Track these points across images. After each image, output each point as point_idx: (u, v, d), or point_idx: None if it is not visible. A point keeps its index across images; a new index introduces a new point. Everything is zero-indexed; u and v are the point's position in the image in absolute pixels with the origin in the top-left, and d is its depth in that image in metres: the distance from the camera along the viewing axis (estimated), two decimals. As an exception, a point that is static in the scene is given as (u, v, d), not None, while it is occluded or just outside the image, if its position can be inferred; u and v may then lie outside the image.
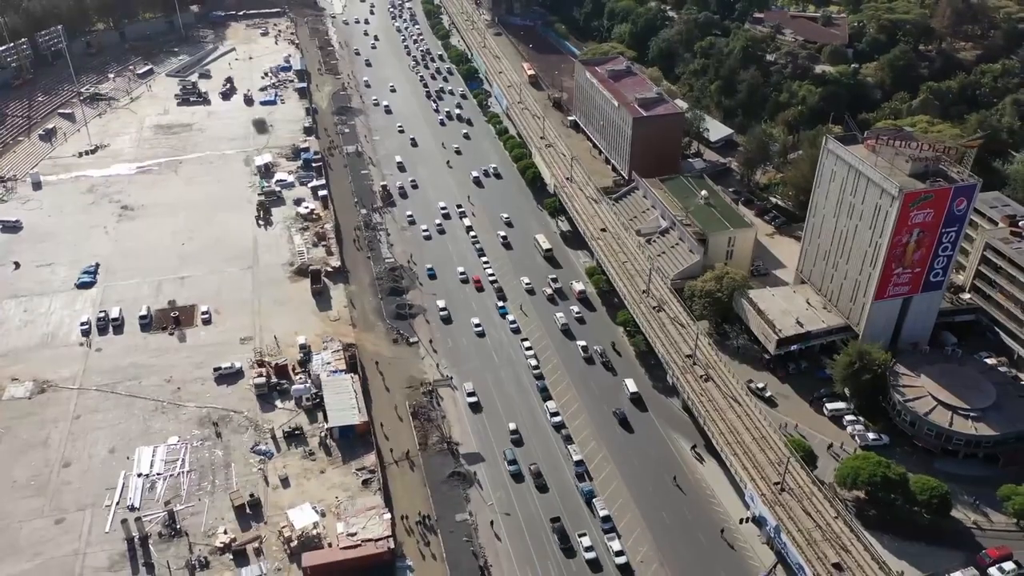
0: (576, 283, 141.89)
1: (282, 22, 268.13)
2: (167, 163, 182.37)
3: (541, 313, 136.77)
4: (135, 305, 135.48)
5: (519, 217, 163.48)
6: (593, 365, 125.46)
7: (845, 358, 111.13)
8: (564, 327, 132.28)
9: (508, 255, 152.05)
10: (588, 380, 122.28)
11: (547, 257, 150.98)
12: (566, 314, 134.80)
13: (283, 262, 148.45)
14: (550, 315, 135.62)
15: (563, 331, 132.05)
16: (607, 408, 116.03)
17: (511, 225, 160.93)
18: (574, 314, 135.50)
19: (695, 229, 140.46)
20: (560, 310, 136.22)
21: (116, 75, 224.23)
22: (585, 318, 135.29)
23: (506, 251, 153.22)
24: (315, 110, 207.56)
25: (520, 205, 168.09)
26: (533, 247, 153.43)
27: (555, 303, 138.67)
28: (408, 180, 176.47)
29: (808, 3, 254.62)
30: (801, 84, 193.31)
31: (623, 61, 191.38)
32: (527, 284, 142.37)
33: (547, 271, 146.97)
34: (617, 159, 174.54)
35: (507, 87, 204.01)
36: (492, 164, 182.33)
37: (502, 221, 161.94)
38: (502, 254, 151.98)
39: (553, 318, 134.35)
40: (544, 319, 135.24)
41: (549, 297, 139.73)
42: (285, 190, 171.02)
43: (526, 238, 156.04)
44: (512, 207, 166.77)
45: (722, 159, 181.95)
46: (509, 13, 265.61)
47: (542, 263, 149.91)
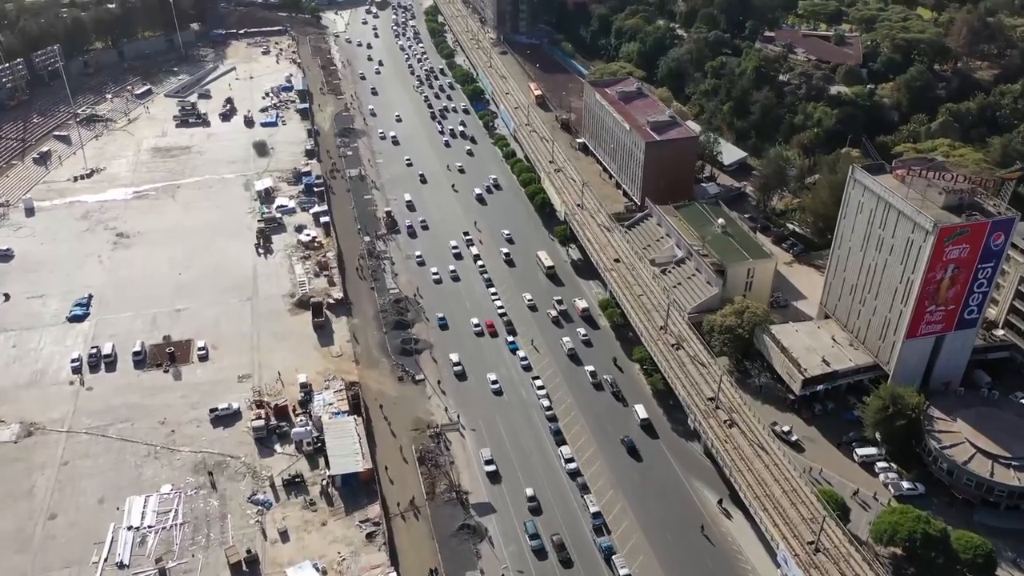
0: (579, 300, 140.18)
1: (284, 40, 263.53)
2: (164, 188, 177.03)
3: (547, 336, 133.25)
4: (129, 340, 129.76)
5: (522, 236, 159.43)
6: (602, 391, 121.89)
7: (877, 402, 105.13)
8: (571, 352, 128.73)
9: (511, 272, 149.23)
10: (598, 410, 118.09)
11: (549, 275, 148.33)
12: (572, 338, 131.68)
13: (284, 293, 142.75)
14: (556, 340, 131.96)
15: (570, 356, 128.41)
16: (623, 450, 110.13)
17: (512, 241, 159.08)
18: (580, 336, 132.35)
19: (712, 260, 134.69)
20: (566, 334, 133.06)
21: (114, 96, 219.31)
22: (591, 340, 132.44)
23: (509, 268, 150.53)
24: (317, 132, 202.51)
25: (525, 225, 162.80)
26: (535, 265, 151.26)
27: (560, 326, 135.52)
28: (414, 206, 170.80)
29: (819, 22, 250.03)
30: (816, 105, 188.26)
31: (634, 82, 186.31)
32: (529, 300, 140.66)
33: (550, 290, 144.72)
34: (628, 184, 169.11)
35: (514, 108, 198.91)
36: (502, 191, 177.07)
37: (505, 239, 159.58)
38: (510, 283, 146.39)
39: (560, 343, 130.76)
40: (551, 343, 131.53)
41: (554, 320, 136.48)
42: (286, 216, 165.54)
43: (532, 260, 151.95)
44: (516, 227, 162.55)
45: (737, 183, 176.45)
46: (514, 31, 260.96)
47: (544, 281, 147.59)
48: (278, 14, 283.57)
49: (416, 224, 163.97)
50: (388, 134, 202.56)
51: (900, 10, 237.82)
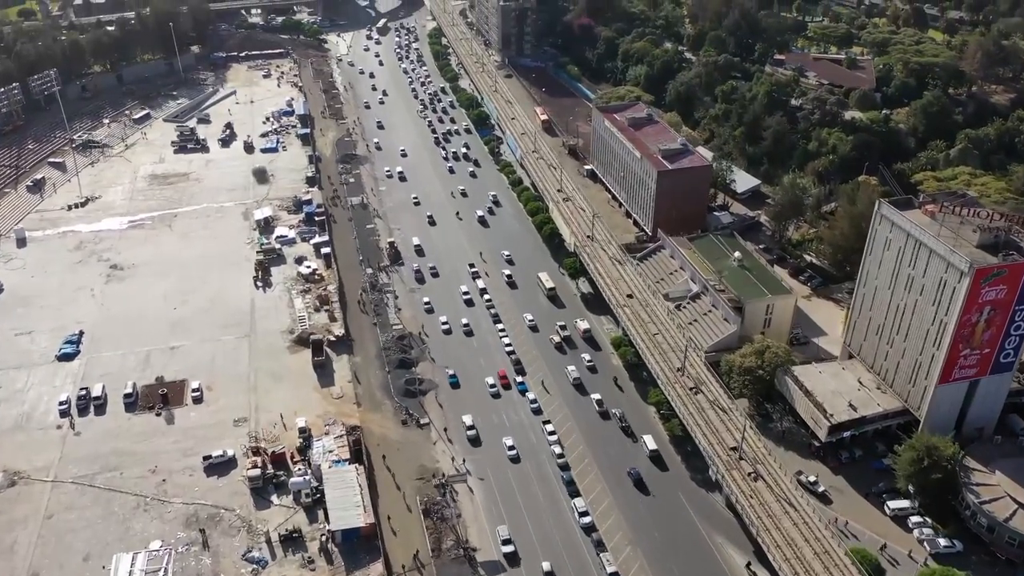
0: (581, 322, 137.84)
1: (285, 63, 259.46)
2: (161, 217, 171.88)
3: (551, 363, 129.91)
4: (120, 380, 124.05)
5: (525, 259, 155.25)
6: (608, 420, 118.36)
7: (910, 453, 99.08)
8: (576, 381, 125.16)
9: (517, 298, 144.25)
10: (608, 449, 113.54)
11: (550, 296, 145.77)
12: (577, 365, 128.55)
13: (282, 329, 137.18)
14: (561, 369, 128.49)
15: (575, 385, 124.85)
16: (640, 501, 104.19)
17: (512, 262, 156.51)
18: (585, 363, 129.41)
19: (730, 296, 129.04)
20: (570, 361, 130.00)
21: (111, 120, 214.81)
22: (596, 364, 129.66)
23: (511, 290, 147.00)
24: (318, 158, 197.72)
25: (531, 252, 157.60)
26: (536, 286, 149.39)
27: (563, 352, 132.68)
28: (418, 239, 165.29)
29: (829, 45, 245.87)
30: (830, 131, 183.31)
31: (643, 108, 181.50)
32: (530, 321, 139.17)
33: (551, 312, 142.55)
34: (639, 213, 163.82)
35: (520, 134, 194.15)
36: (503, 209, 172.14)
37: (505, 259, 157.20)
38: (517, 315, 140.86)
39: (565, 372, 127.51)
40: (555, 373, 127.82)
41: (557, 345, 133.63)
42: (286, 247, 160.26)
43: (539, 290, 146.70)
44: (521, 253, 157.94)
45: (750, 212, 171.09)
46: (519, 54, 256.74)
47: (545, 303, 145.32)
48: (280, 37, 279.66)
49: (423, 267, 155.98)
50: (392, 161, 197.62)
51: (913, 33, 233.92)
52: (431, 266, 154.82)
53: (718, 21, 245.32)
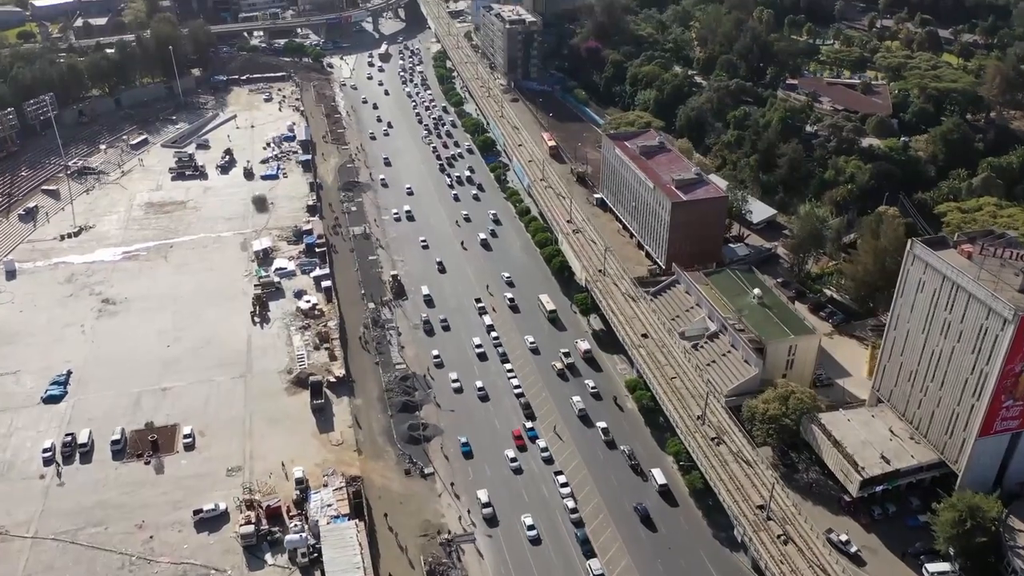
0: (581, 342, 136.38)
1: (287, 87, 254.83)
2: (156, 247, 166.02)
3: (554, 393, 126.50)
4: (108, 424, 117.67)
5: (531, 291, 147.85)
6: (615, 450, 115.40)
7: (951, 513, 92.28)
8: (581, 412, 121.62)
9: (523, 326, 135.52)
10: (619, 485, 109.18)
11: (551, 319, 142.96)
12: (582, 395, 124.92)
13: (280, 369, 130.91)
14: (565, 398, 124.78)
15: (581, 417, 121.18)
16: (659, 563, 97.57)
17: (512, 283, 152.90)
18: (589, 389, 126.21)
19: (750, 336, 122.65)
20: (575, 390, 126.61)
21: (108, 146, 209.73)
22: (599, 390, 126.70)
23: (520, 329, 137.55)
24: (320, 185, 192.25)
25: (534, 279, 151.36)
26: (538, 308, 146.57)
27: (565, 378, 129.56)
28: (423, 270, 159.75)
29: (842, 69, 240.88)
30: (847, 159, 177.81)
31: (655, 135, 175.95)
32: (531, 343, 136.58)
33: (552, 334, 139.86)
34: (652, 245, 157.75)
35: (528, 162, 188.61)
36: (505, 230, 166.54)
37: (505, 281, 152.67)
38: (525, 350, 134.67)
39: (569, 402, 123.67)
40: (560, 403, 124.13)
41: (560, 372, 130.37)
42: (285, 280, 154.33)
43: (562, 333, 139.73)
44: (527, 283, 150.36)
45: (767, 244, 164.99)
46: (525, 78, 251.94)
47: (546, 325, 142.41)
48: (282, 59, 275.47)
49: (431, 305, 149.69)
50: (395, 188, 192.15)
51: (929, 57, 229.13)
52: (439, 315, 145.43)
53: (728, 45, 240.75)
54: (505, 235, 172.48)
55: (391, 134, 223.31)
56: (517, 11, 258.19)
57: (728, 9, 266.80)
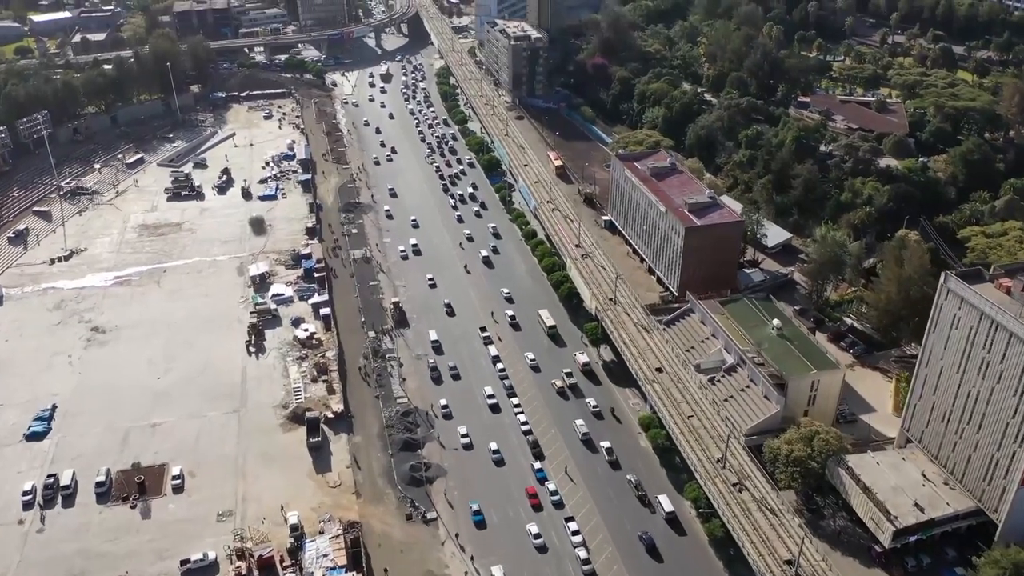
0: (580, 355, 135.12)
1: (287, 104, 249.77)
2: (149, 272, 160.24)
3: (553, 409, 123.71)
4: (94, 464, 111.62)
5: (530, 306, 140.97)
6: (619, 470, 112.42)
7: (994, 570, 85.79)
8: (585, 436, 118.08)
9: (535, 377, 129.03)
10: (624, 506, 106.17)
11: (551, 334, 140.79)
12: (585, 418, 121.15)
13: (276, 403, 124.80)
14: (567, 422, 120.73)
15: (584, 441, 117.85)
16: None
17: (511, 300, 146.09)
18: (591, 409, 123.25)
19: (770, 371, 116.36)
20: (576, 411, 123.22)
21: (103, 165, 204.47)
22: (602, 411, 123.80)
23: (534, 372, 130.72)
24: (319, 206, 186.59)
25: (541, 306, 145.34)
26: (537, 323, 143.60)
27: (566, 398, 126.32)
28: (426, 293, 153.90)
29: (855, 86, 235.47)
30: (864, 181, 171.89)
31: (666, 156, 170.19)
32: (531, 360, 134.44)
33: (551, 351, 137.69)
34: (664, 270, 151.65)
35: (534, 183, 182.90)
36: (520, 273, 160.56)
37: (505, 297, 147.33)
38: (531, 381, 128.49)
39: (572, 426, 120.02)
40: (561, 426, 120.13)
41: (560, 391, 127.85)
42: (282, 306, 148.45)
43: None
44: (533, 312, 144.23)
45: (783, 269, 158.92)
46: (530, 95, 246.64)
47: (545, 341, 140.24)
48: (282, 76, 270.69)
49: (431, 331, 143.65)
50: (397, 210, 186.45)
51: (944, 75, 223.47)
52: (443, 345, 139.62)
53: (738, 62, 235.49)
54: (510, 259, 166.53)
55: (393, 153, 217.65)
56: (522, 27, 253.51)
57: (737, 25, 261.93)
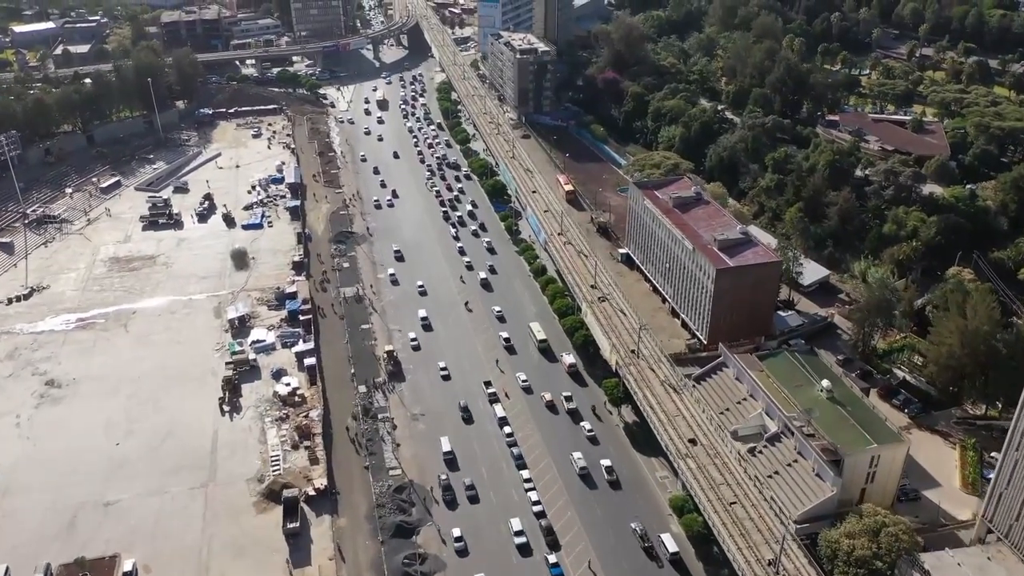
0: (567, 356, 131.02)
1: (278, 121, 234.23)
2: (116, 314, 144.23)
3: (575, 496, 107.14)
4: (31, 557, 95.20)
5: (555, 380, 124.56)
6: (654, 560, 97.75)
7: None
8: (583, 471, 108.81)
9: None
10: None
11: (541, 349, 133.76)
12: (583, 451, 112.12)
13: (250, 475, 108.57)
14: (588, 503, 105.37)
15: (581, 476, 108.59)
16: None
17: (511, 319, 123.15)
18: (585, 433, 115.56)
19: (823, 444, 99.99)
20: (573, 441, 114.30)
21: (75, 190, 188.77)
22: (596, 436, 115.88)
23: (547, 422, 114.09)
24: (309, 236, 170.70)
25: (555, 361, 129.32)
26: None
27: (590, 484, 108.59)
28: (422, 341, 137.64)
29: (886, 103, 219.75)
30: (907, 210, 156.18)
31: (689, 184, 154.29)
32: (523, 381, 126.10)
33: (541, 366, 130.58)
34: (690, 315, 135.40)
35: (543, 211, 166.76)
36: (529, 316, 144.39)
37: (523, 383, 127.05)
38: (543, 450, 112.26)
39: (570, 459, 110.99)
40: (581, 508, 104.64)
41: (548, 404, 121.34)
42: (262, 355, 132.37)
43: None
44: (546, 368, 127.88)
45: (821, 311, 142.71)
46: (537, 111, 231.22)
47: (536, 357, 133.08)
48: (273, 90, 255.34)
49: (430, 384, 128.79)
50: (393, 241, 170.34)
51: (985, 92, 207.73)
52: (444, 403, 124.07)
53: (760, 77, 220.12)
54: (519, 299, 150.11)
55: (390, 176, 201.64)
56: (528, 39, 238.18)
57: (756, 38, 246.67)
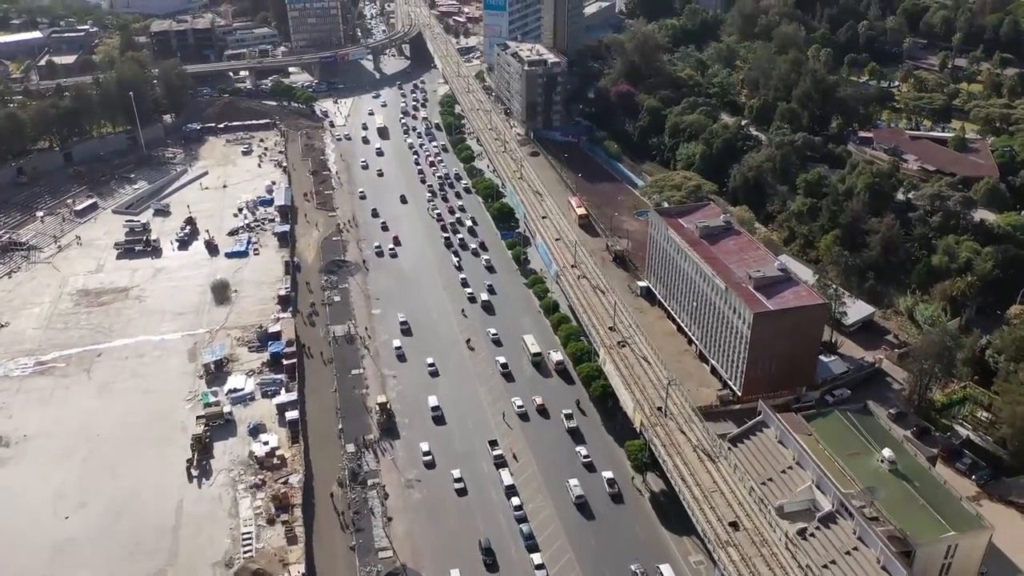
0: (555, 353, 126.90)
1: (270, 137, 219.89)
2: (80, 356, 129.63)
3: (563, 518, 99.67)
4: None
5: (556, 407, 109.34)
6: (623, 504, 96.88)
7: None
8: (579, 500, 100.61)
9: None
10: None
11: (535, 363, 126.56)
12: (580, 478, 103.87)
13: (216, 558, 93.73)
14: (580, 533, 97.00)
15: (578, 505, 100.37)
16: None
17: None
18: (581, 459, 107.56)
19: (889, 530, 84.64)
20: (570, 468, 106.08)
21: (47, 213, 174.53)
22: (593, 462, 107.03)
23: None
24: (297, 266, 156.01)
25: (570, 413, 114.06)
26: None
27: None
28: (426, 397, 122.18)
29: (922, 118, 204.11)
30: (959, 239, 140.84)
31: (718, 211, 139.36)
32: (519, 407, 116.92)
33: (535, 381, 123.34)
34: (722, 362, 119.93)
35: (555, 240, 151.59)
36: (550, 387, 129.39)
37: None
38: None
39: (566, 486, 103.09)
40: (574, 538, 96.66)
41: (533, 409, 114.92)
42: (239, 407, 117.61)
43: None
44: (551, 400, 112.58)
45: (867, 355, 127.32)
46: (547, 127, 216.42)
47: (529, 370, 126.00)
48: (266, 103, 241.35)
49: (427, 436, 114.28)
50: (389, 272, 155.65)
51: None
52: (442, 465, 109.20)
53: (785, 90, 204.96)
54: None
55: (388, 197, 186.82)
56: (537, 50, 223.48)
57: (778, 47, 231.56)
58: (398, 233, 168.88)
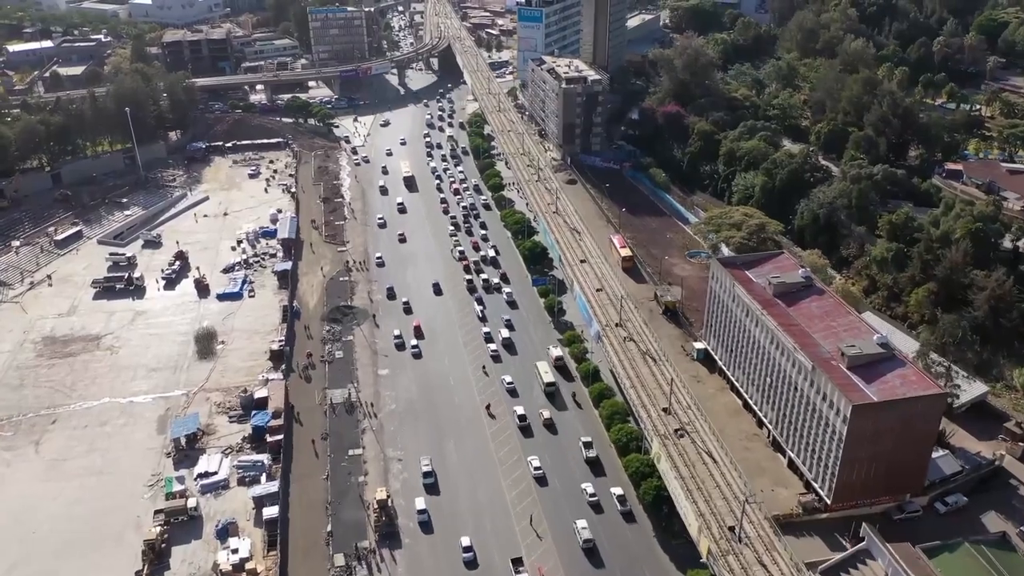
0: (553, 348, 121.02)
1: (281, 158, 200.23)
2: (31, 423, 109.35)
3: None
4: None
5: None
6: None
7: None
8: (588, 545, 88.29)
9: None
10: None
11: (548, 392, 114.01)
12: (589, 520, 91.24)
13: None
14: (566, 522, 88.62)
15: (586, 550, 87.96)
16: None
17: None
18: (588, 495, 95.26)
19: None
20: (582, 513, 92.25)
21: (24, 243, 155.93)
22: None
23: None
24: (297, 312, 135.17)
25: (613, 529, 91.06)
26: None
27: None
28: (432, 480, 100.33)
29: (1016, 148, 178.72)
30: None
31: (792, 261, 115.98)
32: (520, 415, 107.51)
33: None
34: (805, 459, 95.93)
35: (596, 291, 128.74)
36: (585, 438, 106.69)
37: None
38: None
39: (572, 528, 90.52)
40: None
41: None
42: (208, 497, 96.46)
43: None
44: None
45: (982, 447, 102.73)
46: (585, 151, 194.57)
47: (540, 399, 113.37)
48: (279, 120, 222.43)
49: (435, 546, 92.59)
50: (402, 320, 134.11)
51: None
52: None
53: (856, 114, 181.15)
54: (562, 416, 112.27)
55: (406, 231, 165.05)
56: (575, 65, 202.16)
57: (844, 66, 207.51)
58: (415, 274, 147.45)
